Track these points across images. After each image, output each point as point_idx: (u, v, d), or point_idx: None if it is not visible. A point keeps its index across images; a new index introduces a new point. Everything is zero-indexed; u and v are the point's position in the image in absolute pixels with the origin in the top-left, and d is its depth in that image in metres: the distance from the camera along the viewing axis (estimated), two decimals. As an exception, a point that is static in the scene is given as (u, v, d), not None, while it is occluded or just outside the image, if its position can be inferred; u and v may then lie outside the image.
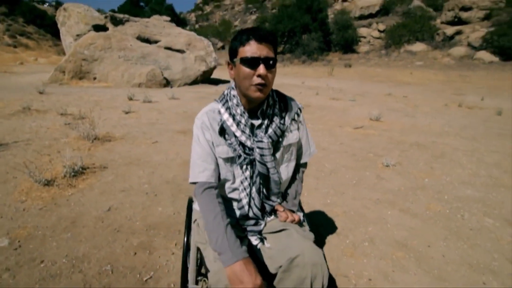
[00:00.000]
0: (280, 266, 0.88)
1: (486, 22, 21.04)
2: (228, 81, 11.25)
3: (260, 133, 1.00)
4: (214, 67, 10.76)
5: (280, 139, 1.04)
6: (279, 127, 1.02)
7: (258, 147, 0.98)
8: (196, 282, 1.09)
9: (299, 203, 1.23)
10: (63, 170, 2.44)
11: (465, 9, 21.90)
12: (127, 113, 4.92)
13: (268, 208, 1.06)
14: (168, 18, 14.28)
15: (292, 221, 1.04)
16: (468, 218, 2.34)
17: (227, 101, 1.03)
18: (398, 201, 2.56)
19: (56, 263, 1.54)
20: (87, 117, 4.10)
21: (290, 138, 1.06)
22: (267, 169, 1.00)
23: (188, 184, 2.59)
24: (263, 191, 1.04)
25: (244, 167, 1.01)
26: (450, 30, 21.52)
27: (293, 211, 1.11)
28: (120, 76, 8.30)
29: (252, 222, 1.04)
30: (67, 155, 2.56)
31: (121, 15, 9.61)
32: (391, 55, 22.04)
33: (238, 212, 1.05)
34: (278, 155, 1.04)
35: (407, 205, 2.51)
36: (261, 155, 0.98)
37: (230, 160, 1.02)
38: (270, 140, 0.99)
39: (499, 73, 16.23)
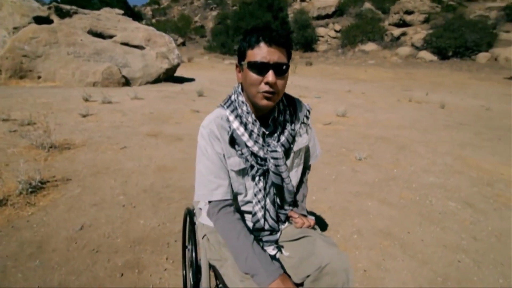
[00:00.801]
0: (308, 276, 0.85)
1: (426, 25, 23.44)
2: (192, 79, 10.87)
3: (272, 141, 0.94)
4: (178, 65, 10.29)
5: (291, 145, 0.99)
6: (290, 134, 0.97)
7: (273, 158, 0.92)
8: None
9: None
10: (17, 186, 2.10)
11: (408, 12, 24.12)
12: (85, 116, 4.45)
13: (282, 217, 1.02)
14: (121, 12, 13.26)
15: (308, 226, 1.02)
16: (435, 203, 2.57)
17: (236, 108, 0.94)
18: (375, 193, 2.71)
19: (26, 297, 1.32)
20: (38, 122, 3.61)
21: (300, 142, 1.02)
22: (282, 179, 0.95)
23: (170, 192, 2.44)
24: (277, 202, 0.99)
25: (257, 178, 0.94)
26: (396, 31, 23.52)
27: (304, 215, 1.08)
28: (71, 74, 7.47)
29: (267, 232, 0.99)
30: (20, 168, 2.21)
31: (68, 7, 8.63)
32: (347, 54, 23.39)
33: (251, 225, 0.99)
34: (288, 162, 0.99)
35: (383, 195, 2.68)
36: (276, 166, 0.92)
37: (242, 172, 0.95)
38: (283, 148, 0.94)
39: (438, 71, 18.22)
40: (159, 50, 9.72)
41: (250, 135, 0.92)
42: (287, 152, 0.98)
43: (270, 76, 0.81)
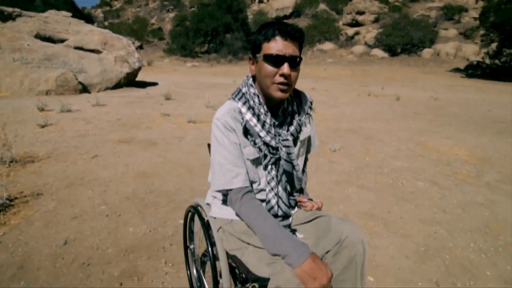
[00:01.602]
0: (327, 252, 0.91)
1: (376, 24, 25.35)
2: (156, 83, 10.47)
3: (282, 131, 0.99)
4: (139, 68, 9.83)
5: (299, 135, 1.05)
6: (298, 124, 1.03)
7: (285, 146, 0.97)
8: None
9: None
10: (-20, 205, 1.87)
11: (360, 13, 25.88)
12: (43, 126, 4.07)
13: (292, 202, 1.07)
14: (69, 14, 12.28)
15: (317, 209, 1.08)
16: (406, 184, 2.83)
17: (247, 100, 0.97)
18: (353, 180, 2.90)
19: (15, 323, 1.19)
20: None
21: (305, 132, 1.08)
22: (293, 166, 1.00)
23: (155, 197, 2.35)
24: (287, 189, 1.03)
25: (269, 167, 0.98)
26: (350, 31, 25.08)
27: (311, 199, 1.14)
28: (19, 83, 6.73)
29: (280, 218, 1.03)
30: (-19, 185, 1.97)
31: (9, 9, 7.75)
32: (307, 53, 24.33)
33: None
34: (295, 150, 1.05)
35: (361, 181, 2.87)
36: (288, 154, 0.97)
37: (257, 161, 0.98)
38: (292, 137, 1.00)
39: (389, 67, 19.83)
40: (118, 54, 9.21)
41: (263, 125, 0.96)
42: (294, 141, 1.03)
43: (286, 68, 0.86)
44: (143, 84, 9.94)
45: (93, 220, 1.98)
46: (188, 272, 1.40)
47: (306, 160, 1.23)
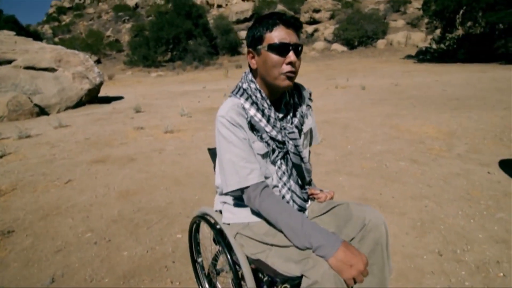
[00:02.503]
0: (352, 239, 0.90)
1: (332, 20, 26.53)
2: (121, 97, 9.96)
3: (286, 124, 0.97)
4: (101, 83, 9.27)
5: (302, 127, 1.03)
6: (301, 115, 1.01)
7: (291, 139, 0.95)
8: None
9: None
10: None
11: (316, 11, 26.91)
12: (1, 156, 3.65)
13: (305, 196, 1.05)
14: (12, 33, 11.27)
15: (331, 198, 1.07)
16: (389, 165, 2.96)
17: (249, 95, 0.94)
18: (340, 168, 2.97)
19: None
20: None
21: (308, 124, 1.07)
22: (301, 158, 0.98)
23: (145, 215, 2.21)
24: (299, 182, 1.02)
25: (279, 162, 0.96)
26: (309, 28, 25.98)
27: (321, 191, 1.13)
28: (-38, 112, 6.01)
29: (297, 213, 1.01)
30: None
31: None
32: (271, 53, 24.76)
33: None
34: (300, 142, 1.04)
35: (348, 169, 2.95)
36: (296, 146, 0.96)
37: (266, 156, 0.95)
38: (297, 130, 0.98)
39: (350, 59, 20.83)
40: (75, 70, 8.62)
41: (268, 120, 0.93)
42: (299, 133, 1.02)
43: (292, 56, 0.85)
44: (108, 100, 9.41)
45: (80, 250, 1.80)
46: (200, 287, 1.32)
47: (309, 153, 1.22)
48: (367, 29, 22.31)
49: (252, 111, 0.92)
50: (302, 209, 1.00)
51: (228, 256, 0.96)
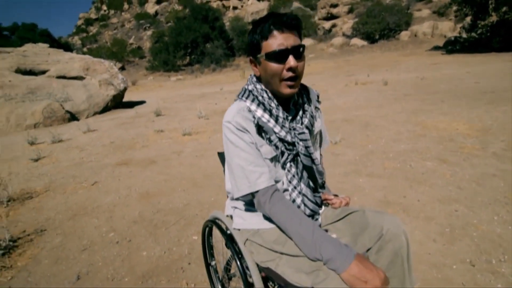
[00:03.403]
0: (368, 249, 0.84)
1: (351, 14, 25.75)
2: (143, 102, 10.35)
3: (296, 125, 0.93)
4: (125, 89, 9.71)
5: (313, 128, 1.00)
6: (312, 116, 0.98)
7: (302, 140, 0.91)
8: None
9: None
10: (-18, 252, 1.76)
11: (333, 6, 26.26)
12: (37, 160, 3.93)
13: (318, 200, 1.01)
14: (46, 45, 12.12)
15: (346, 204, 1.02)
16: (415, 165, 2.80)
17: (255, 96, 0.92)
18: (361, 169, 2.86)
19: None
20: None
21: (317, 126, 1.03)
22: (312, 160, 0.94)
23: (163, 216, 2.26)
24: (310, 185, 0.98)
25: (288, 164, 0.93)
26: (327, 24, 25.40)
27: (336, 195, 1.08)
28: (5, 120, 6.54)
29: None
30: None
31: (-16, 46, 7.60)
32: (289, 51, 24.52)
33: None
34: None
35: (369, 169, 2.83)
36: (306, 147, 0.92)
37: (275, 159, 0.92)
38: (307, 130, 0.94)
39: (371, 54, 20.08)
40: (101, 78, 9.08)
41: (276, 120, 0.90)
42: (309, 135, 0.98)
43: (292, 61, 0.81)
44: (131, 104, 9.81)
45: (103, 249, 1.88)
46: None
47: (321, 155, 1.17)
48: (388, 21, 21.37)
49: (259, 112, 0.90)
50: (314, 214, 0.96)
51: (238, 263, 0.94)
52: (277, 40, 0.81)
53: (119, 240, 1.98)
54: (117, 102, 9.40)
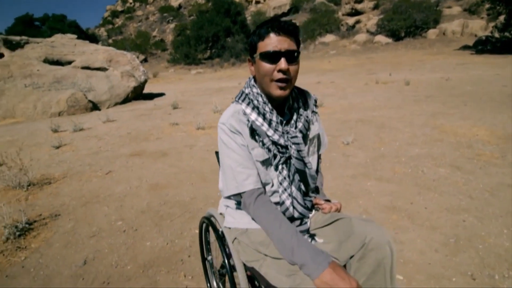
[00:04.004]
0: (351, 256, 0.84)
1: (376, 10, 24.82)
2: (163, 94, 10.60)
3: (290, 129, 0.95)
4: (145, 81, 9.99)
5: (308, 132, 1.01)
6: (306, 120, 0.99)
7: (294, 143, 0.93)
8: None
9: None
10: (2, 232, 1.91)
11: (358, 1, 25.39)
12: (58, 147, 4.16)
13: (309, 204, 1.01)
14: (74, 36, 12.66)
15: (336, 210, 1.02)
16: (427, 171, 2.70)
17: (251, 100, 0.95)
18: (370, 172, 2.80)
19: None
20: (9, 161, 3.31)
21: (313, 130, 1.04)
22: (304, 164, 0.96)
23: (169, 208, 2.34)
24: (302, 188, 0.99)
25: (280, 167, 0.95)
26: (350, 20, 24.65)
27: (328, 201, 1.08)
28: (32, 107, 6.97)
29: (298, 222, 0.98)
30: (2, 211, 2.01)
31: (17, 37, 8.05)
32: (309, 47, 24.08)
33: None
34: (305, 148, 1.01)
35: (378, 173, 2.76)
36: (298, 151, 0.94)
37: (266, 162, 0.94)
38: (301, 134, 0.96)
39: (395, 52, 19.33)
40: (123, 69, 9.38)
41: (270, 124, 0.93)
42: (304, 139, 0.99)
43: (283, 63, 0.84)
44: (151, 96, 10.08)
45: (110, 237, 1.98)
46: (208, 284, 1.37)
47: (319, 159, 1.17)
48: (415, 18, 20.40)
49: (254, 116, 0.93)
50: (303, 217, 0.97)
51: (226, 260, 0.97)
52: (272, 42, 0.85)
53: (126, 229, 2.08)
54: (138, 94, 9.70)
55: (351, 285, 0.67)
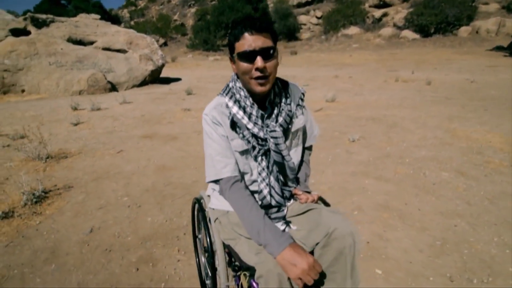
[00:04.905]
0: (317, 244, 0.92)
1: (406, 3, 23.63)
2: (179, 79, 10.78)
3: (271, 123, 1.00)
4: (162, 65, 10.17)
5: (289, 126, 1.05)
6: (288, 115, 1.02)
7: (272, 137, 0.98)
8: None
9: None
10: (21, 198, 2.11)
11: (387, -7, 24.21)
12: (76, 124, 4.41)
13: (287, 193, 1.08)
14: (98, 16, 12.96)
15: (312, 201, 1.08)
16: (429, 174, 2.68)
17: (233, 94, 1.00)
18: (370, 171, 2.81)
19: (47, 300, 1.36)
20: (30, 135, 3.56)
21: (297, 123, 1.08)
22: (282, 157, 1.01)
23: (172, 189, 2.48)
24: (280, 179, 1.05)
25: (260, 158, 1.01)
26: (377, 13, 23.66)
27: (308, 192, 1.14)
28: (55, 85, 7.32)
29: (275, 209, 1.05)
30: (22, 179, 2.22)
31: (43, 16, 8.38)
32: (331, 39, 23.44)
33: (260, 203, 1.05)
34: (287, 142, 1.06)
35: (379, 172, 2.77)
36: (276, 144, 0.98)
37: (246, 152, 1.01)
38: (281, 128, 1.00)
39: (422, 49, 18.49)
40: (142, 52, 9.58)
41: (250, 117, 0.98)
42: (285, 133, 1.04)
43: (259, 61, 0.87)
44: (167, 80, 10.28)
45: (116, 210, 2.14)
46: (197, 259, 1.48)
47: (305, 151, 1.22)
48: (448, 13, 19.28)
49: (235, 109, 0.98)
50: (280, 205, 1.05)
51: (208, 238, 1.07)
52: (247, 41, 0.87)
53: (130, 204, 2.23)
54: (155, 77, 9.91)
55: (308, 261, 0.75)
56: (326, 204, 2.23)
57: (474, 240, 1.74)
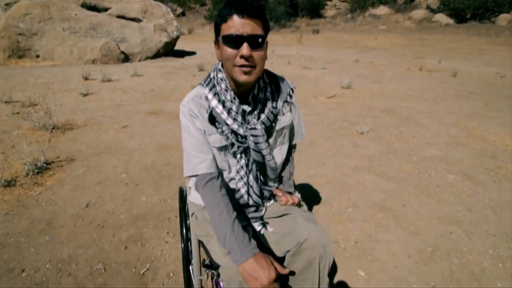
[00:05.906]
0: (288, 251, 0.90)
1: (442, -17, 21.64)
2: (193, 53, 10.59)
3: (252, 119, 0.92)
4: (177, 37, 9.97)
5: (273, 124, 0.98)
6: (271, 112, 0.95)
7: (252, 135, 0.92)
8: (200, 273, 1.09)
9: (293, 183, 1.24)
10: (24, 167, 2.19)
11: (423, -31, 22.17)
12: (85, 95, 4.46)
13: (266, 193, 1.05)
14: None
15: (293, 204, 1.04)
16: (434, 176, 2.58)
17: (214, 85, 0.93)
18: (373, 166, 2.73)
19: (39, 269, 1.44)
20: (39, 103, 3.64)
21: (283, 121, 1.00)
22: (263, 156, 0.96)
23: (171, 170, 2.50)
24: (260, 178, 1.01)
25: (239, 155, 0.96)
26: (409, -8, 21.86)
27: (290, 193, 1.11)
28: (69, 52, 7.36)
29: (253, 209, 1.03)
30: (25, 150, 2.29)
31: (59, -21, 8.25)
32: (357, 19, 22.10)
33: (237, 201, 1.02)
34: (271, 140, 0.99)
35: (382, 169, 2.69)
36: (256, 143, 0.92)
37: (224, 149, 0.96)
38: (263, 126, 0.93)
39: (454, 36, 17.19)
40: (157, 22, 9.38)
41: (229, 112, 0.91)
42: (269, 130, 0.97)
43: (245, 49, 0.78)
44: (181, 54, 10.13)
45: (113, 187, 2.20)
46: (182, 245, 1.51)
47: (291, 148, 1.17)
48: (488, -3, 17.61)
49: (214, 102, 0.91)
50: (258, 206, 1.02)
51: (184, 230, 1.07)
52: (235, 25, 0.79)
53: (128, 182, 2.28)
54: (168, 50, 9.76)
55: (269, 276, 0.73)
56: (318, 200, 2.21)
57: (467, 250, 1.69)
